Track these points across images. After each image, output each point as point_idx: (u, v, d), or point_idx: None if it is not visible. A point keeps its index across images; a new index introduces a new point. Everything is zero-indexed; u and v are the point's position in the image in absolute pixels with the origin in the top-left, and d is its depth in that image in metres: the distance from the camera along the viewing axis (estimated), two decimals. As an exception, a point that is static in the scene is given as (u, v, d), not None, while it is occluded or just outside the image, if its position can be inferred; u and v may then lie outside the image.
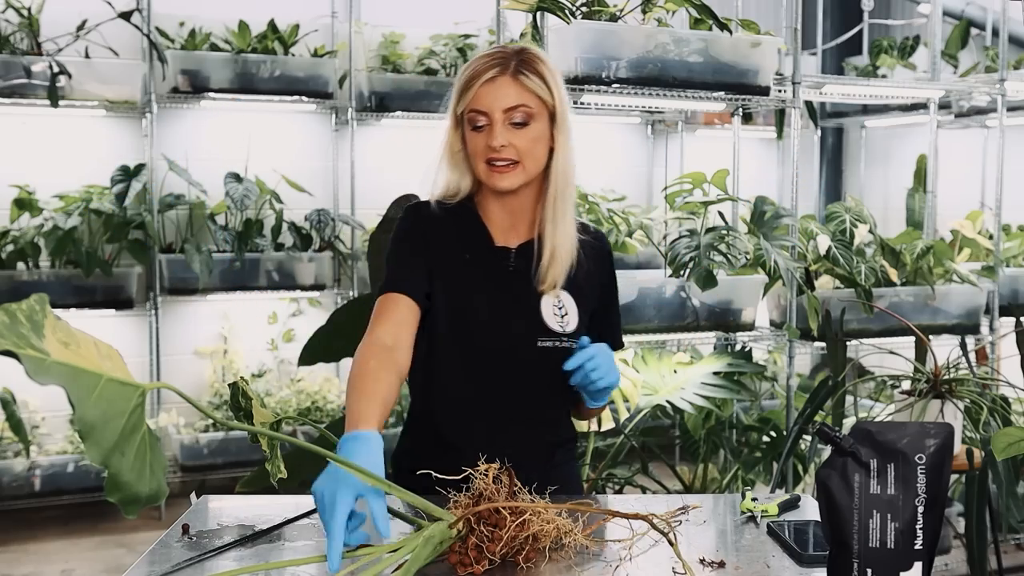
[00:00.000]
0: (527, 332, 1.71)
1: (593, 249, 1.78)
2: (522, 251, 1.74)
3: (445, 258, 1.73)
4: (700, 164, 3.77)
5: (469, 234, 1.75)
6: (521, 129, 1.65)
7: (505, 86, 1.64)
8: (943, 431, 1.22)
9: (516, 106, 1.64)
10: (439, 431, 1.76)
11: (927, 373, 2.77)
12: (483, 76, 1.64)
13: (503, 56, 1.66)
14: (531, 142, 1.65)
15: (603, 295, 1.80)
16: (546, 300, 1.72)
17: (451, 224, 1.74)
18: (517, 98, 1.64)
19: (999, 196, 3.92)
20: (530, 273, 1.72)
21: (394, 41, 4.98)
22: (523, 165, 1.66)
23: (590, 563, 1.40)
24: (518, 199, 1.72)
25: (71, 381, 1.06)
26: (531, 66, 1.65)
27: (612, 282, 1.83)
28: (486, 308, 1.71)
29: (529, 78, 1.64)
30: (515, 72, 1.64)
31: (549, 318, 1.72)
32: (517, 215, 1.74)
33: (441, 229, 1.74)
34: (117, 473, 1.10)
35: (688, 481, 3.72)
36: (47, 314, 1.09)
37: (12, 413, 4.09)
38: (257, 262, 4.67)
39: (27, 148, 4.58)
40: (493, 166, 1.65)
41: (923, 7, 4.88)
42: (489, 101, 1.64)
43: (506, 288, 1.73)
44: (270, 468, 1.47)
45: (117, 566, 3.92)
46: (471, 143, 1.68)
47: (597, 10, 2.94)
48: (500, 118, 1.64)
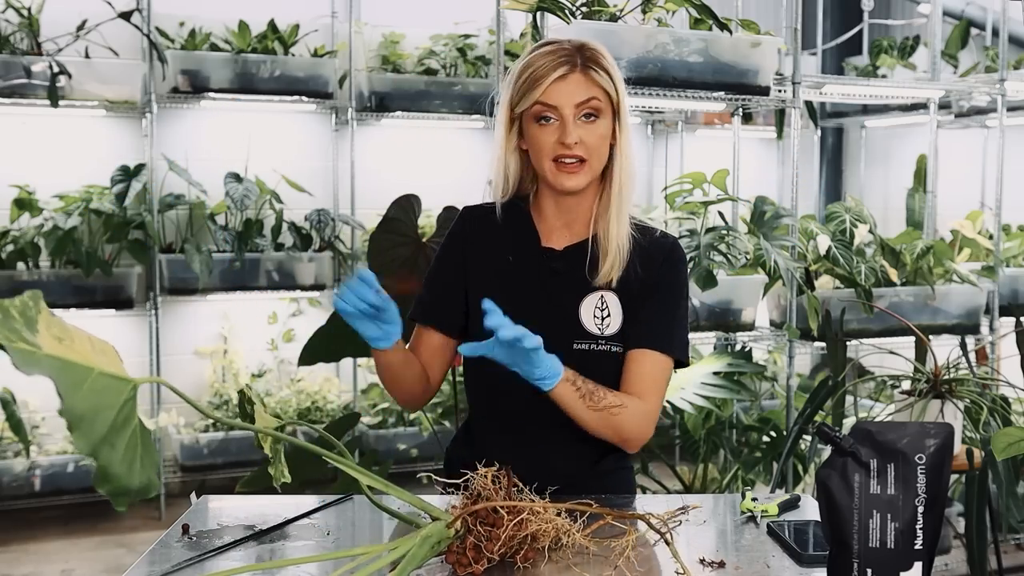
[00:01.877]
0: (562, 334, 1.67)
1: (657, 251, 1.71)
2: (569, 252, 1.72)
3: (486, 263, 1.74)
4: (700, 164, 3.77)
5: (517, 236, 1.73)
6: (591, 124, 1.62)
7: (575, 82, 1.61)
8: (943, 431, 1.22)
9: (587, 100, 1.61)
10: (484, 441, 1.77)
11: (927, 373, 2.77)
12: (553, 73, 1.61)
13: (568, 52, 1.63)
14: (599, 138, 1.63)
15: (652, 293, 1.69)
16: (588, 302, 1.69)
17: (499, 226, 1.74)
18: (587, 92, 1.61)
19: (999, 196, 3.92)
20: (574, 274, 1.70)
21: (394, 41, 4.98)
22: (590, 163, 1.64)
23: (589, 563, 1.40)
24: (577, 198, 1.69)
25: (60, 373, 1.07)
26: (597, 61, 1.63)
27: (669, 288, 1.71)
28: (521, 311, 1.59)
29: (598, 72, 1.62)
30: (584, 67, 1.62)
31: (588, 320, 1.69)
32: (573, 214, 1.71)
33: (486, 233, 1.74)
34: (107, 465, 1.11)
35: (688, 481, 3.72)
36: (41, 310, 1.09)
37: (12, 413, 4.09)
38: (257, 262, 4.67)
39: (27, 148, 4.57)
40: (562, 164, 1.63)
41: (923, 7, 4.88)
42: (561, 97, 1.61)
43: (545, 290, 1.70)
44: (274, 474, 1.47)
45: (117, 566, 3.92)
46: (537, 139, 1.64)
47: (597, 10, 2.94)
48: (571, 113, 1.61)
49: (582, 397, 1.60)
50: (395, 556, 1.29)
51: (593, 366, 1.64)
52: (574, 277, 1.70)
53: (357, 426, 4.62)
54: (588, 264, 1.69)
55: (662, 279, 1.71)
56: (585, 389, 1.60)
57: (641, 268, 1.69)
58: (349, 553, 1.33)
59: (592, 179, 1.66)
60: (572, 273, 1.70)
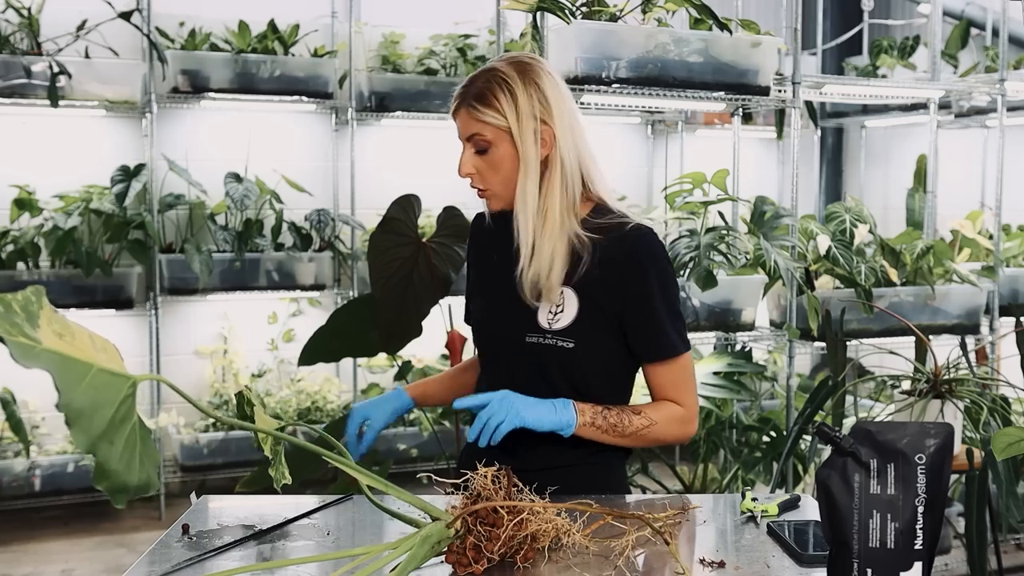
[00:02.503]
0: (517, 328, 1.75)
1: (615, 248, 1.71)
2: None
3: (480, 264, 1.89)
4: (700, 164, 3.77)
5: (501, 237, 1.80)
6: (483, 156, 1.71)
7: (462, 118, 1.71)
8: (943, 431, 1.22)
9: (471, 136, 1.71)
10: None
11: (927, 373, 2.77)
12: (453, 107, 1.74)
13: (464, 86, 1.72)
14: (491, 168, 1.71)
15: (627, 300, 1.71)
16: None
17: (489, 229, 1.86)
18: (471, 128, 1.70)
19: (999, 196, 3.92)
20: None
21: (394, 41, 4.99)
22: (493, 190, 1.73)
23: (589, 563, 1.40)
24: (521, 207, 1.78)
25: (59, 368, 1.07)
26: (482, 97, 1.68)
27: (641, 285, 1.71)
28: (490, 306, 1.83)
29: (478, 111, 1.68)
30: (468, 105, 1.69)
31: (542, 315, 1.73)
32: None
33: (482, 237, 1.89)
34: (105, 461, 1.11)
35: (688, 481, 3.72)
36: (43, 305, 1.09)
37: (12, 413, 4.09)
38: (257, 262, 4.67)
39: (27, 148, 4.58)
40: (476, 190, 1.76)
41: (923, 7, 4.88)
42: (459, 129, 1.73)
43: (515, 286, 1.75)
44: (274, 475, 1.47)
45: (117, 566, 3.92)
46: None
47: (597, 10, 2.94)
48: (466, 147, 1.73)
49: (606, 432, 1.69)
50: (395, 556, 1.29)
51: (544, 358, 1.73)
52: None
53: (357, 426, 4.61)
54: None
55: (637, 285, 1.71)
56: (607, 424, 1.69)
57: (601, 268, 1.71)
58: (349, 553, 1.33)
59: (504, 202, 1.73)
60: None
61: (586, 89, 2.96)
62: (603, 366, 1.75)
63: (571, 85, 2.94)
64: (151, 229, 4.42)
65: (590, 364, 1.73)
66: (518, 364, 1.75)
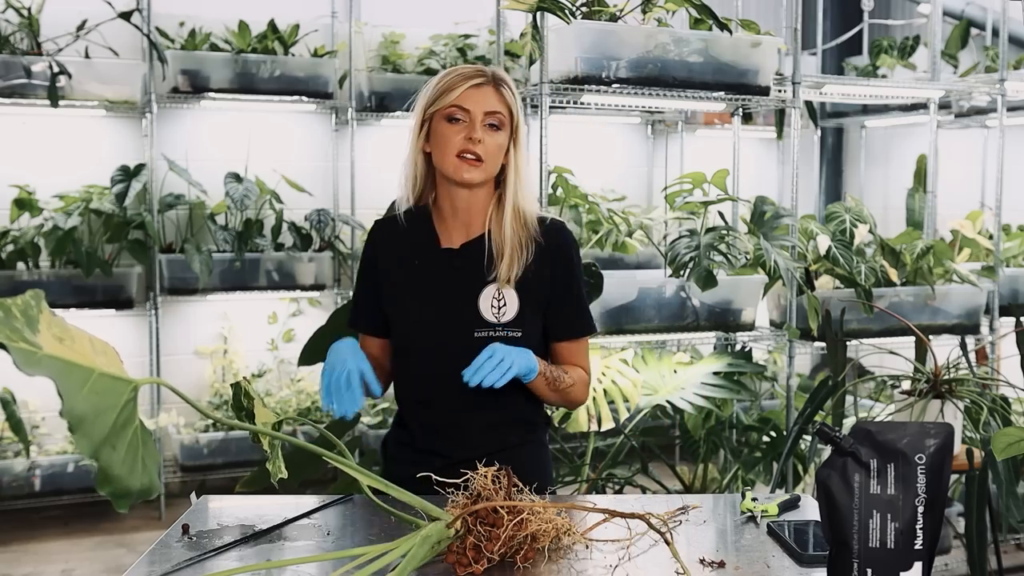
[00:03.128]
0: (464, 324, 1.87)
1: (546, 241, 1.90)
2: (466, 249, 1.91)
3: (394, 270, 1.94)
4: (700, 164, 3.76)
5: (419, 240, 1.93)
6: (493, 132, 1.85)
7: (488, 92, 1.86)
8: (943, 431, 1.22)
9: (494, 111, 1.85)
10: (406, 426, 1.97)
11: (927, 373, 2.77)
12: (470, 80, 1.85)
13: (483, 70, 1.88)
14: (497, 147, 1.86)
15: (555, 285, 1.91)
16: (485, 293, 1.89)
17: (403, 234, 1.94)
18: (496, 104, 1.85)
19: (999, 196, 3.92)
20: (473, 269, 1.89)
21: (394, 41, 4.99)
22: (486, 164, 1.85)
23: (589, 563, 1.40)
24: (472, 197, 1.89)
25: (61, 374, 1.07)
26: (507, 83, 1.89)
27: (568, 272, 1.93)
28: (427, 306, 1.91)
29: (506, 91, 1.88)
30: (496, 84, 1.87)
31: (486, 310, 1.88)
32: (468, 213, 1.91)
33: (392, 243, 1.95)
34: (108, 466, 1.11)
35: (688, 481, 3.72)
36: (43, 309, 1.09)
37: (12, 413, 4.09)
38: (257, 262, 4.67)
39: (27, 148, 4.57)
40: (465, 158, 1.83)
41: (923, 7, 4.88)
42: (473, 102, 1.84)
43: (448, 285, 1.90)
44: (271, 468, 1.47)
45: (117, 566, 3.92)
46: (444, 136, 1.85)
47: (597, 10, 2.94)
48: (480, 118, 1.84)
49: (548, 383, 1.88)
50: (395, 556, 1.29)
51: None
52: (472, 272, 1.90)
53: (357, 426, 4.62)
54: (485, 259, 1.89)
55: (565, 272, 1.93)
56: (551, 376, 1.88)
57: (535, 261, 1.90)
58: (349, 553, 1.34)
59: (486, 178, 1.87)
60: (470, 268, 1.90)
61: (586, 89, 2.96)
62: (537, 348, 1.91)
63: (571, 85, 2.95)
64: (151, 229, 4.42)
65: (531, 348, 1.87)
66: (466, 357, 1.81)
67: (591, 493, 3.24)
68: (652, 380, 3.31)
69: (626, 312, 3.18)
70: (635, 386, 3.12)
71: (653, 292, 3.23)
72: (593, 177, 5.02)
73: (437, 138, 1.86)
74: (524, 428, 1.96)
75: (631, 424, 3.47)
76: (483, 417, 1.90)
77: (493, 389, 1.77)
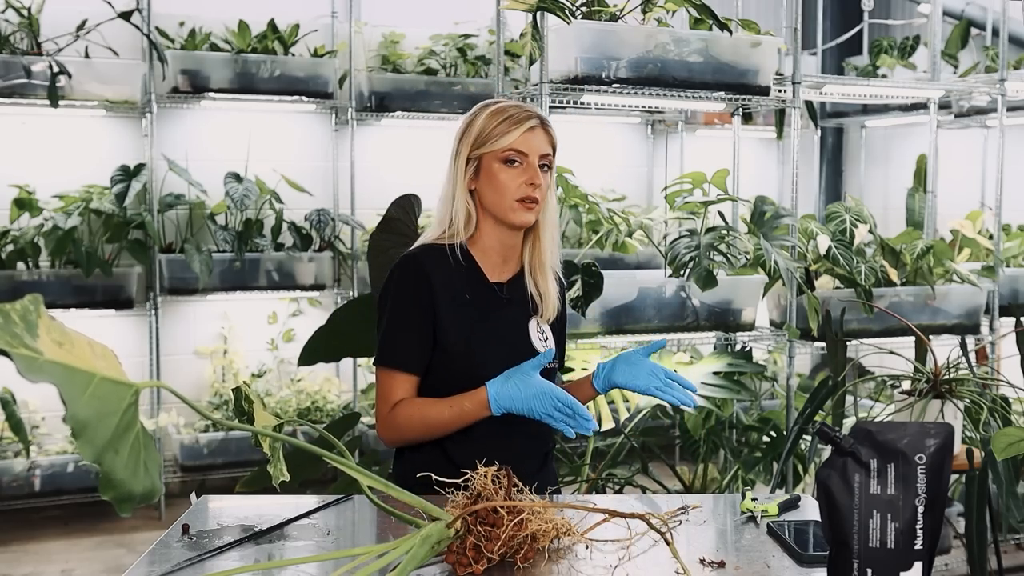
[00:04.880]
0: (521, 356, 1.86)
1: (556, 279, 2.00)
2: (512, 284, 1.95)
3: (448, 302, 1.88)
4: (700, 164, 3.76)
5: (467, 275, 1.91)
6: (546, 173, 1.89)
7: (541, 136, 1.88)
8: (943, 431, 1.22)
9: (547, 153, 1.89)
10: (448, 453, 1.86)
11: (927, 373, 2.77)
12: (526, 123, 1.86)
13: (533, 112, 1.89)
14: (548, 188, 1.91)
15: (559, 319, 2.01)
16: (531, 326, 1.94)
17: (449, 269, 1.89)
18: (548, 147, 1.89)
19: (999, 196, 3.92)
20: (520, 302, 1.94)
21: (394, 41, 4.98)
22: (540, 205, 1.89)
23: (589, 563, 1.40)
24: (517, 236, 1.92)
25: (64, 380, 1.07)
26: (550, 124, 1.92)
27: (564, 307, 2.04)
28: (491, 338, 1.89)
29: (552, 132, 1.92)
30: (544, 127, 1.90)
31: (536, 341, 1.93)
32: (510, 251, 1.93)
33: (442, 276, 1.88)
34: (111, 471, 1.11)
35: (688, 481, 3.72)
36: (41, 314, 1.09)
37: (12, 413, 4.09)
38: (257, 262, 4.67)
39: (27, 148, 4.57)
40: (525, 203, 1.85)
41: (923, 7, 4.88)
42: (531, 146, 1.86)
43: (502, 318, 1.92)
44: (272, 472, 1.47)
45: (117, 566, 3.92)
46: (502, 181, 1.85)
47: (597, 10, 2.94)
48: (536, 161, 1.86)
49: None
50: (395, 556, 1.29)
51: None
52: (520, 305, 1.94)
53: (357, 426, 4.62)
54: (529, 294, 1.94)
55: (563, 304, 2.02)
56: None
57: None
58: (349, 553, 1.34)
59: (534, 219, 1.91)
60: (518, 302, 1.94)
61: (586, 89, 2.96)
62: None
63: (571, 85, 2.95)
64: (151, 229, 4.42)
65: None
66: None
67: (591, 493, 3.24)
68: (652, 380, 3.30)
69: (626, 312, 3.18)
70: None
71: (653, 292, 3.23)
72: (593, 177, 5.02)
73: (493, 181, 1.85)
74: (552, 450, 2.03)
75: (631, 424, 3.47)
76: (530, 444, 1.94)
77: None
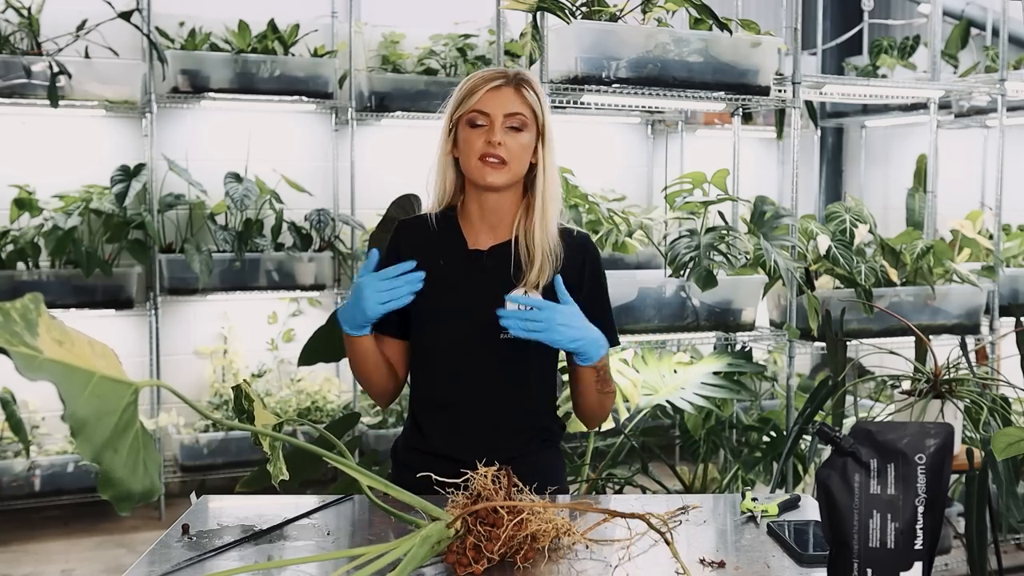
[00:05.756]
0: (491, 326, 1.81)
1: (575, 251, 1.91)
2: (494, 252, 1.89)
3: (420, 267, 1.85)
4: (700, 164, 3.76)
5: (446, 241, 1.91)
6: (515, 133, 1.84)
7: (508, 94, 1.85)
8: (943, 431, 1.22)
9: (515, 113, 1.84)
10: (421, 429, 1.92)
11: (927, 373, 2.77)
12: (489, 83, 1.84)
13: (504, 72, 1.87)
14: (521, 148, 1.85)
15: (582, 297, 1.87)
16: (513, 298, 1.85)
17: (430, 234, 1.91)
18: (517, 106, 1.84)
19: (999, 196, 3.92)
20: (500, 272, 1.87)
21: (394, 41, 4.98)
22: (511, 166, 1.84)
23: (589, 563, 1.40)
24: (499, 201, 1.88)
25: (63, 378, 1.07)
26: (529, 84, 1.87)
27: (595, 284, 1.93)
28: (455, 307, 1.88)
29: (528, 92, 1.86)
30: (517, 85, 1.86)
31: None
32: (496, 217, 1.89)
33: (419, 241, 1.92)
34: (110, 470, 1.11)
35: (688, 481, 3.72)
36: (41, 313, 1.09)
37: (12, 413, 4.09)
38: (257, 262, 4.67)
39: (27, 148, 4.57)
40: (487, 161, 1.82)
41: (923, 7, 4.88)
42: (493, 105, 1.83)
43: (475, 287, 1.88)
44: (272, 471, 1.47)
45: (117, 566, 3.92)
46: (467, 141, 1.85)
47: (597, 10, 2.94)
48: (500, 121, 1.83)
49: (598, 379, 1.85)
50: (395, 556, 1.29)
51: (520, 355, 1.85)
52: (499, 275, 1.87)
53: (357, 426, 4.62)
54: (513, 264, 1.87)
55: (594, 283, 1.93)
56: (604, 373, 1.86)
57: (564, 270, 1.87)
58: (349, 553, 1.34)
59: (512, 180, 1.85)
60: (497, 271, 1.88)
61: (586, 89, 2.96)
62: (558, 356, 1.93)
63: (571, 85, 2.95)
64: (151, 229, 4.42)
65: (553, 355, 1.90)
66: (491, 361, 1.85)
67: (591, 493, 3.23)
68: (652, 380, 3.31)
69: (626, 312, 3.18)
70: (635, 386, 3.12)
71: (653, 292, 3.23)
72: (593, 177, 5.02)
73: (461, 143, 1.86)
74: (542, 435, 1.94)
75: (631, 424, 3.47)
76: (503, 421, 1.88)
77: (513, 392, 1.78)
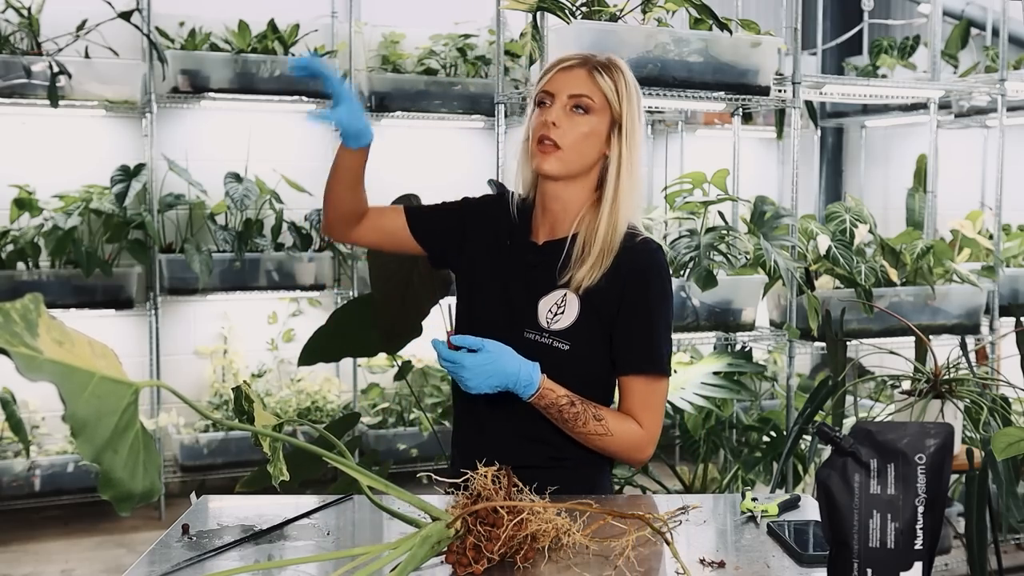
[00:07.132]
0: (517, 323, 1.74)
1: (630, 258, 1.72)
2: (546, 248, 1.78)
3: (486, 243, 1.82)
4: (700, 164, 3.77)
5: (519, 225, 1.82)
6: (579, 117, 1.70)
7: (578, 75, 1.71)
8: (943, 431, 1.22)
9: (580, 94, 1.70)
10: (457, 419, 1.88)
11: (927, 373, 2.77)
12: (562, 64, 1.73)
13: (583, 55, 1.74)
14: (580, 135, 1.70)
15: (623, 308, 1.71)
16: (549, 297, 1.74)
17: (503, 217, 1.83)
18: (584, 88, 1.70)
19: (999, 196, 3.92)
20: (546, 269, 1.75)
21: (394, 41, 4.98)
22: (564, 152, 1.70)
23: (589, 563, 1.40)
24: (558, 193, 1.75)
25: (63, 378, 1.07)
26: (608, 70, 1.72)
27: (643, 298, 1.72)
28: (493, 295, 1.79)
29: (602, 77, 1.71)
30: (591, 68, 1.71)
31: (542, 313, 1.74)
32: (557, 212, 1.77)
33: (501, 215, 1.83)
34: (110, 470, 1.11)
35: (688, 481, 3.72)
36: (41, 313, 1.09)
37: (12, 413, 4.09)
38: (257, 262, 4.67)
39: (27, 148, 4.57)
40: (541, 144, 1.70)
41: (923, 7, 4.88)
42: (560, 84, 1.71)
43: (517, 280, 1.78)
44: (272, 471, 1.47)
45: (117, 566, 3.92)
46: (533, 121, 1.73)
47: (597, 10, 2.94)
48: (563, 101, 1.70)
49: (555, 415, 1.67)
50: (395, 556, 1.29)
51: (538, 357, 1.68)
52: (545, 272, 1.76)
53: (357, 426, 4.62)
54: (561, 262, 1.74)
55: (637, 294, 1.72)
56: (569, 412, 1.66)
57: (609, 276, 1.71)
58: (349, 553, 1.33)
59: (565, 170, 1.71)
60: (544, 268, 1.76)
61: (586, 89, 2.95)
62: (591, 372, 1.75)
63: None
64: (151, 229, 4.42)
65: (581, 368, 1.73)
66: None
67: (591, 493, 3.23)
68: (652, 380, 3.31)
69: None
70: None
71: (653, 292, 3.22)
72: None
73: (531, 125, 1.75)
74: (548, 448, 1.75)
75: (631, 424, 3.46)
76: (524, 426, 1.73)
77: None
